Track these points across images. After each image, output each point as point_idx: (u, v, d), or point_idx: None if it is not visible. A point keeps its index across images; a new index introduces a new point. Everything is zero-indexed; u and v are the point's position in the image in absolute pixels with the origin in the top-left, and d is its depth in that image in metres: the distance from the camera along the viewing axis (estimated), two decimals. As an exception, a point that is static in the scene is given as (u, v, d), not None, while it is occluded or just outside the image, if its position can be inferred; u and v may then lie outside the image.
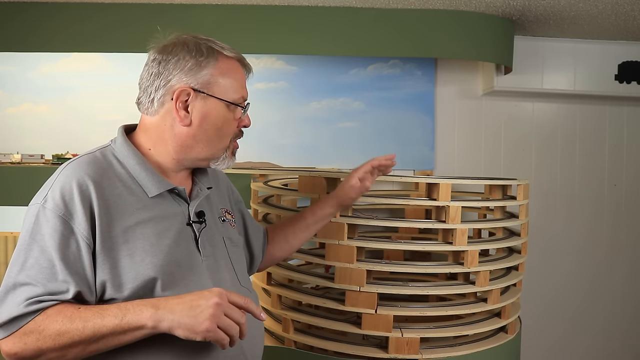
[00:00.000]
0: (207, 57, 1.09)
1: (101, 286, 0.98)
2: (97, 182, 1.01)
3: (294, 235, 1.45)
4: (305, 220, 1.45)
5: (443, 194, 1.58)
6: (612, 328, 2.75)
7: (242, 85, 1.14)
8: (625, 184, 2.74)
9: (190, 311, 0.92)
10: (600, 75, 2.54)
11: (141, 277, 0.99)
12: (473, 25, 2.22)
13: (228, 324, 0.93)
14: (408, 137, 2.54)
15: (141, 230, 1.02)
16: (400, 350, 1.56)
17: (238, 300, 0.96)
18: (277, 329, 1.73)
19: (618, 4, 2.09)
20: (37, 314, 0.93)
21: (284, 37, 2.17)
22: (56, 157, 2.22)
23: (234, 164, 1.18)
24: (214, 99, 1.10)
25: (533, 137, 2.67)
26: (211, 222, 1.15)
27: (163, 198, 1.08)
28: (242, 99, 1.14)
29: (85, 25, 2.12)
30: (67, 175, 1.02)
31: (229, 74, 1.11)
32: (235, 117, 1.14)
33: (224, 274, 1.12)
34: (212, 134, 1.11)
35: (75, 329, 0.91)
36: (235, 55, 1.14)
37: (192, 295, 0.95)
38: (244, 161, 2.39)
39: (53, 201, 0.98)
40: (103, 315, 0.92)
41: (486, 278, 1.64)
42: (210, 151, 1.13)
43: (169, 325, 0.92)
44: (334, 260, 1.59)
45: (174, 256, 1.04)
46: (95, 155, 1.08)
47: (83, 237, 0.97)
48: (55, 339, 0.91)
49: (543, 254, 2.66)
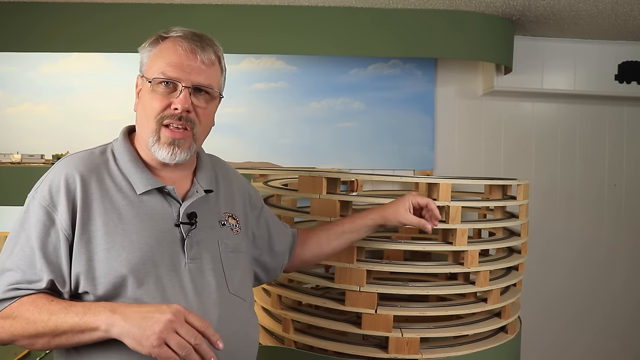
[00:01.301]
0: (151, 43, 1.11)
1: (76, 278, 1.00)
2: (85, 177, 1.05)
3: (328, 240, 1.41)
4: (342, 226, 1.40)
5: (443, 194, 1.58)
6: (612, 328, 2.76)
7: (169, 62, 1.06)
8: (625, 184, 2.74)
9: (141, 322, 0.91)
10: (600, 75, 2.54)
11: (113, 273, 1.00)
12: (473, 25, 2.22)
13: (177, 342, 0.89)
14: (408, 137, 2.54)
15: (123, 227, 1.03)
16: (400, 350, 1.56)
17: (195, 322, 0.92)
18: (277, 329, 1.73)
19: (618, 4, 2.09)
20: (13, 300, 0.97)
21: (284, 37, 2.17)
22: (56, 157, 2.22)
23: (180, 157, 1.08)
24: (144, 80, 1.10)
25: (533, 137, 2.67)
26: (205, 224, 1.13)
27: (152, 196, 1.08)
28: (161, 75, 1.06)
29: (85, 25, 2.12)
30: (59, 169, 1.06)
31: (160, 53, 1.09)
32: (158, 96, 1.06)
33: (209, 279, 1.09)
34: (142, 115, 1.10)
35: (41, 320, 0.94)
36: (177, 35, 1.09)
37: (150, 306, 0.94)
38: (244, 161, 2.39)
39: (42, 193, 1.03)
40: (67, 312, 0.94)
41: (486, 278, 1.64)
42: (145, 135, 1.09)
43: (119, 331, 0.91)
44: (334, 260, 1.59)
45: (152, 255, 1.03)
46: (92, 151, 1.12)
47: (62, 229, 1.00)
48: (24, 327, 0.95)
49: (543, 254, 2.66)
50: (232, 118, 2.38)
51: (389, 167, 2.52)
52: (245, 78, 2.44)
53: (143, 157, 1.12)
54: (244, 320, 1.15)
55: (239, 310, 1.14)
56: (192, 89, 1.07)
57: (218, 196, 1.21)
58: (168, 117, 1.07)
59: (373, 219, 1.39)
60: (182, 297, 1.04)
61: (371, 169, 2.51)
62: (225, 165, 1.32)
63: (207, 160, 1.24)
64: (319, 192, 1.59)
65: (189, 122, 1.08)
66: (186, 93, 1.06)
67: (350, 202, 1.60)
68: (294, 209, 1.81)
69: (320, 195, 1.59)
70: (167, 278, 1.04)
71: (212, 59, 1.10)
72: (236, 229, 1.21)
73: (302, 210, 1.76)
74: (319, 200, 1.58)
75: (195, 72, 1.07)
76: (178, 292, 1.04)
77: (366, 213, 1.41)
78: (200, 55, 1.08)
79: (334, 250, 1.43)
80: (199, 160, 1.22)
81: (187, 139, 1.09)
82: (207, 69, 1.09)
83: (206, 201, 1.16)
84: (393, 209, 1.37)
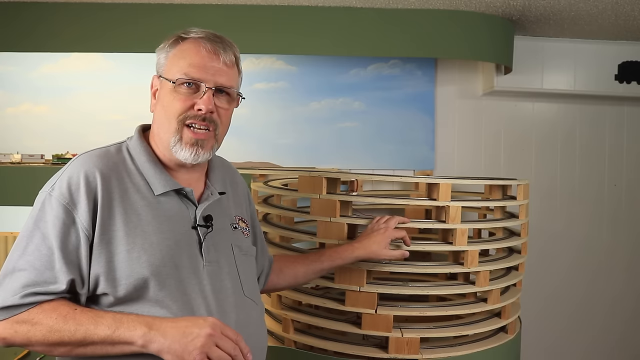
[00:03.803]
0: (171, 44, 1.10)
1: (95, 279, 0.99)
2: (105, 175, 1.03)
3: (305, 275, 1.42)
4: (321, 264, 1.41)
5: (443, 194, 1.58)
6: (611, 327, 2.75)
7: (192, 63, 1.06)
8: (625, 184, 2.74)
9: (182, 338, 0.92)
10: (600, 75, 2.54)
11: (135, 275, 0.99)
12: (473, 25, 2.22)
13: (218, 355, 0.92)
14: (408, 137, 2.54)
15: (143, 228, 1.02)
16: (400, 350, 1.56)
17: (230, 334, 0.95)
18: (277, 329, 1.73)
19: (618, 4, 2.09)
20: (32, 306, 0.94)
21: (284, 37, 2.17)
22: (56, 157, 2.22)
23: (202, 157, 1.08)
24: (164, 80, 1.09)
25: (533, 137, 2.67)
26: (220, 227, 1.13)
27: (170, 198, 1.08)
28: (184, 76, 1.06)
29: (85, 25, 2.12)
30: (77, 166, 1.03)
31: (181, 54, 1.08)
32: (181, 96, 1.06)
33: (225, 282, 1.09)
34: (162, 115, 1.09)
35: (67, 330, 0.93)
36: (199, 36, 1.09)
37: (186, 321, 0.95)
38: (244, 161, 2.39)
39: (59, 190, 1.00)
40: (97, 323, 0.93)
41: (486, 278, 1.64)
42: (165, 135, 1.08)
43: (159, 347, 0.92)
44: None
45: (172, 258, 1.03)
46: (109, 149, 1.10)
47: (83, 228, 0.98)
48: (45, 334, 0.93)
49: (543, 254, 2.66)
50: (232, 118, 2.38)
51: (389, 167, 2.52)
52: (246, 78, 2.35)
53: (159, 157, 1.11)
54: (258, 323, 1.16)
55: (253, 314, 1.15)
56: (214, 89, 1.08)
57: (229, 198, 1.21)
58: (191, 118, 1.07)
59: (357, 256, 1.42)
60: (202, 300, 1.04)
61: (371, 169, 2.51)
62: (230, 166, 1.33)
63: (217, 162, 1.24)
64: (319, 192, 1.59)
65: (212, 123, 1.09)
66: (210, 94, 1.07)
67: (350, 202, 1.60)
68: (294, 209, 1.81)
69: (320, 195, 1.59)
70: (188, 280, 1.04)
71: (233, 61, 1.12)
72: (246, 232, 1.22)
73: (302, 210, 1.76)
74: (319, 200, 1.58)
75: (218, 74, 1.08)
76: (198, 294, 1.04)
77: (348, 251, 1.42)
78: (223, 57, 1.09)
79: (307, 281, 1.49)
80: (210, 162, 1.21)
81: (209, 139, 1.09)
82: (228, 70, 1.10)
83: (219, 204, 1.16)
84: (376, 246, 1.42)
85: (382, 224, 1.47)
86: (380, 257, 1.45)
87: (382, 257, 1.44)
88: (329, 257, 1.42)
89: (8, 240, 2.30)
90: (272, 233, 1.80)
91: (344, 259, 1.42)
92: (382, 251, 1.42)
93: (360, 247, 1.42)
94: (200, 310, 1.02)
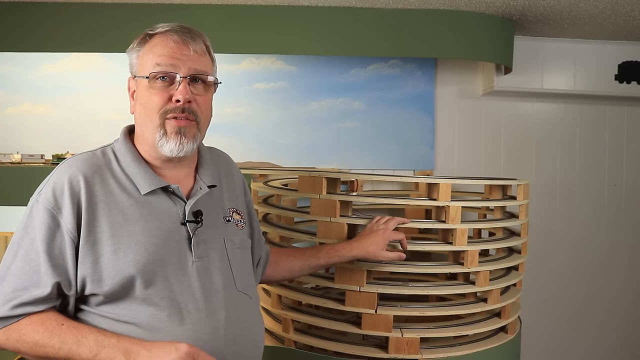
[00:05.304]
0: (139, 42, 1.11)
1: (82, 281, 1.00)
2: (89, 178, 1.04)
3: (301, 269, 1.43)
4: (318, 260, 1.42)
5: (443, 194, 1.58)
6: (611, 327, 2.75)
7: (162, 54, 1.06)
8: (625, 184, 2.74)
9: None
10: (600, 75, 2.54)
11: (121, 274, 1.00)
12: (473, 25, 2.22)
13: None
14: (408, 137, 2.54)
15: (129, 227, 1.03)
16: (400, 350, 1.56)
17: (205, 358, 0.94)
18: (277, 329, 1.73)
19: (618, 4, 2.09)
20: (20, 317, 0.98)
21: (284, 37, 2.17)
22: (56, 157, 2.22)
23: (187, 147, 1.08)
24: (139, 79, 1.09)
25: (533, 137, 2.67)
26: (211, 222, 1.13)
27: (157, 196, 1.08)
28: (156, 67, 1.06)
29: (85, 25, 2.12)
30: (61, 172, 1.05)
31: (151, 49, 1.08)
32: (157, 91, 1.06)
33: (216, 278, 1.09)
34: (143, 114, 1.09)
35: (52, 347, 0.96)
36: (165, 29, 1.09)
37: (159, 347, 0.93)
38: (244, 161, 2.39)
39: (45, 195, 1.02)
40: (80, 344, 0.95)
41: (486, 278, 1.64)
42: (148, 133, 1.08)
43: None
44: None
45: (159, 255, 1.03)
46: (94, 153, 1.11)
47: (68, 232, 1.00)
48: (32, 347, 0.97)
49: (543, 254, 2.66)
50: (232, 118, 2.38)
51: (389, 167, 2.52)
52: (245, 78, 2.44)
53: (145, 157, 1.12)
54: (250, 318, 1.15)
55: (246, 308, 1.14)
56: (189, 78, 1.08)
57: (222, 191, 1.21)
58: (171, 111, 1.07)
59: (354, 255, 1.44)
60: (190, 296, 1.04)
61: (371, 169, 2.51)
62: (226, 157, 1.32)
63: (207, 155, 1.24)
64: (319, 192, 1.59)
65: (191, 114, 1.08)
66: (185, 83, 1.07)
67: (350, 202, 1.60)
68: (294, 209, 1.81)
69: (320, 195, 1.59)
70: (175, 278, 1.04)
71: (204, 49, 1.11)
72: (241, 224, 1.22)
73: (302, 210, 1.76)
74: (319, 200, 1.58)
75: (190, 61, 1.08)
76: (186, 291, 1.04)
77: (345, 250, 1.43)
78: (192, 46, 1.09)
79: (302, 276, 1.49)
80: (200, 157, 1.21)
81: (191, 127, 1.09)
82: (200, 57, 1.10)
83: (210, 198, 1.16)
84: (374, 247, 1.43)
85: (382, 224, 1.48)
86: (377, 258, 1.46)
87: (379, 258, 1.45)
88: (326, 253, 1.43)
89: (8, 240, 2.30)
90: (272, 233, 1.80)
91: (340, 257, 1.43)
92: (379, 252, 1.43)
93: (358, 247, 1.43)
94: (188, 306, 1.03)
